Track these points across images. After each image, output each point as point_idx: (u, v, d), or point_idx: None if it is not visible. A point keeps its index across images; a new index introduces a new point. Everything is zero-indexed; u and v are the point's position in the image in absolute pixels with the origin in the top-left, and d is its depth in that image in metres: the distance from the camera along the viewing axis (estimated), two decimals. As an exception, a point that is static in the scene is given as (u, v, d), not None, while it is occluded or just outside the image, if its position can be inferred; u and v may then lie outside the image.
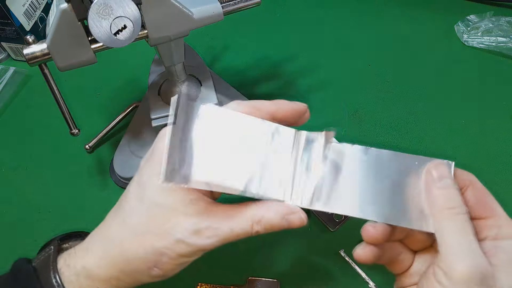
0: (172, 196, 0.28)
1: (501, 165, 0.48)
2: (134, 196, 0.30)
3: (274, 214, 0.30)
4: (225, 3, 0.39)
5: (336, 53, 0.61)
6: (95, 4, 0.31)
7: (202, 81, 0.48)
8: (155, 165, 0.29)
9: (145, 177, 0.29)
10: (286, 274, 0.41)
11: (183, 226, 0.28)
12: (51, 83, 0.38)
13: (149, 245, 0.28)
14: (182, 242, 0.28)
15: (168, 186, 0.28)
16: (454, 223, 0.28)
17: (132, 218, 0.29)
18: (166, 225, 0.28)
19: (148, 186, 0.29)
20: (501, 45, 0.57)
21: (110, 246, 0.29)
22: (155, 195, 0.28)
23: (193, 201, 0.29)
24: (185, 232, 0.28)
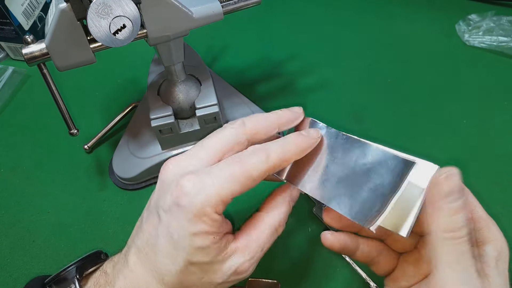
0: (207, 252, 0.28)
1: (503, 165, 0.47)
2: (166, 254, 0.29)
3: (284, 207, 0.32)
4: (225, 2, 0.39)
5: (336, 53, 0.61)
6: (94, 3, 0.31)
7: (201, 81, 0.48)
8: (186, 223, 0.28)
9: (176, 235, 0.28)
10: (286, 275, 0.41)
11: (222, 272, 0.29)
12: (50, 83, 0.38)
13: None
14: (224, 283, 0.30)
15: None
16: (453, 248, 0.26)
17: (170, 278, 0.29)
18: (206, 277, 0.29)
19: (182, 247, 0.28)
20: (503, 45, 0.57)
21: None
22: (190, 256, 0.28)
23: (224, 247, 0.29)
24: (225, 276, 0.29)
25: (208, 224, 0.28)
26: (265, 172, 0.29)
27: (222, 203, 0.28)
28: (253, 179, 0.29)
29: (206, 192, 0.28)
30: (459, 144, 0.49)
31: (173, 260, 0.28)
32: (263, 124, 0.31)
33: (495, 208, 0.44)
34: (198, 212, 0.27)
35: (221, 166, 0.29)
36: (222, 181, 0.28)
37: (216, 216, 0.28)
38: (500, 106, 0.53)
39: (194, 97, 0.46)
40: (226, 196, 0.28)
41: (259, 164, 0.29)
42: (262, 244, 0.30)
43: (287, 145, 0.31)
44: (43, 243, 0.45)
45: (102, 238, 0.45)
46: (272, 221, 0.31)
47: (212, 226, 0.28)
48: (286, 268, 0.41)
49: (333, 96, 0.55)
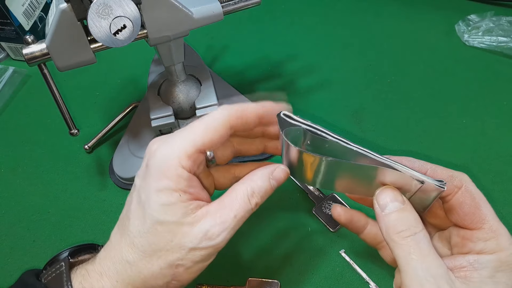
0: (173, 210, 0.28)
1: (502, 165, 0.47)
2: (136, 215, 0.29)
3: (261, 181, 0.31)
4: (225, 2, 0.39)
5: (336, 53, 0.61)
6: (95, 4, 0.31)
7: (202, 81, 0.48)
8: (152, 182, 0.29)
9: (143, 195, 0.29)
10: (286, 274, 0.41)
11: (192, 235, 0.28)
12: (50, 83, 0.38)
13: (163, 261, 0.28)
14: (196, 249, 0.28)
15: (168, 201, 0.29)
16: (404, 247, 0.28)
17: (140, 239, 0.29)
18: (175, 239, 0.28)
19: (148, 205, 0.29)
20: (502, 45, 0.57)
21: (124, 269, 0.29)
22: (156, 214, 0.28)
23: (193, 209, 0.29)
24: (195, 240, 0.28)
25: (173, 180, 0.28)
26: (225, 120, 0.30)
27: (186, 157, 0.29)
28: (213, 128, 0.30)
29: (169, 148, 0.29)
30: (458, 144, 0.50)
31: (141, 221, 0.29)
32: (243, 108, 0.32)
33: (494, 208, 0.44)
34: (162, 168, 0.28)
35: (186, 127, 0.30)
36: (183, 135, 0.29)
37: (182, 171, 0.29)
38: (499, 106, 0.53)
39: (194, 97, 0.46)
40: (189, 149, 0.29)
41: (217, 115, 0.30)
42: (234, 210, 0.29)
43: (247, 103, 0.32)
44: (44, 243, 0.45)
45: (103, 238, 0.45)
46: (245, 188, 0.30)
47: (177, 183, 0.28)
48: (286, 268, 0.41)
49: (333, 96, 0.55)
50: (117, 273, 0.29)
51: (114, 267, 0.29)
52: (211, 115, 0.31)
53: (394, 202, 0.30)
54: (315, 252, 0.42)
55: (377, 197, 0.31)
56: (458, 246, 0.31)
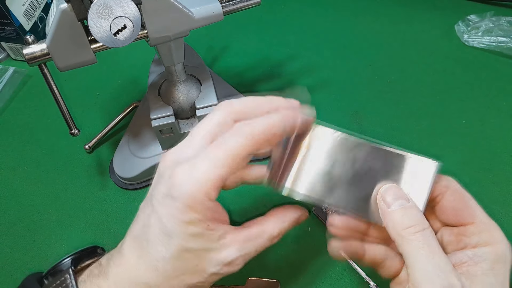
0: (202, 239, 0.29)
1: (502, 165, 0.48)
2: (159, 242, 0.29)
3: (288, 224, 0.33)
4: (225, 3, 0.39)
5: (336, 53, 0.61)
6: (95, 4, 0.31)
7: (202, 81, 0.48)
8: (178, 214, 0.28)
9: (169, 225, 0.28)
10: (286, 274, 0.41)
11: (215, 262, 0.29)
12: (50, 83, 0.38)
13: (184, 284, 0.29)
14: (216, 274, 0.30)
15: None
16: (414, 243, 0.29)
17: (164, 264, 0.29)
18: (200, 265, 0.29)
19: (175, 235, 0.28)
20: (502, 45, 0.57)
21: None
22: (184, 242, 0.28)
23: (221, 236, 0.30)
24: (218, 267, 0.30)
25: (201, 213, 0.28)
26: (250, 148, 0.29)
27: (213, 189, 0.28)
28: (239, 158, 0.28)
29: (195, 181, 0.28)
30: (458, 144, 0.50)
31: (166, 247, 0.28)
32: (251, 105, 0.31)
33: (494, 208, 0.44)
34: (190, 201, 0.28)
35: (208, 152, 0.29)
36: (209, 166, 0.28)
37: (209, 203, 0.28)
38: (499, 106, 0.53)
39: (194, 97, 0.46)
40: (216, 182, 0.28)
41: (243, 141, 0.28)
42: (257, 246, 0.31)
43: (271, 117, 0.29)
44: (44, 242, 0.45)
45: (103, 238, 0.45)
46: (272, 230, 0.32)
47: (205, 214, 0.28)
48: (286, 268, 0.42)
49: (333, 96, 0.56)
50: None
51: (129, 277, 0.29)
52: (236, 140, 0.28)
53: (400, 200, 0.30)
54: (315, 252, 0.42)
55: (382, 194, 0.31)
56: (453, 244, 0.31)
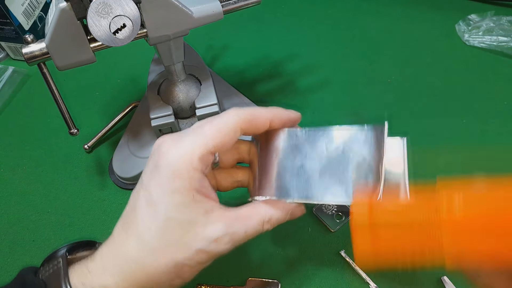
0: (188, 209, 0.29)
1: (502, 165, 0.47)
2: (146, 213, 0.29)
3: (281, 212, 0.33)
4: (225, 2, 0.39)
5: (336, 53, 0.61)
6: (94, 3, 0.31)
7: (201, 80, 0.48)
8: (165, 182, 0.29)
9: (156, 195, 0.29)
10: (286, 274, 0.41)
11: (202, 237, 0.29)
12: (50, 82, 0.38)
13: (170, 259, 0.29)
14: (203, 251, 0.29)
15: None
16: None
17: (149, 236, 0.29)
18: (185, 238, 0.29)
19: (161, 204, 0.29)
20: (502, 45, 0.57)
21: (128, 265, 0.29)
22: (170, 212, 0.29)
23: (207, 210, 0.30)
24: (204, 242, 0.29)
25: (187, 181, 0.29)
26: (236, 124, 0.31)
27: (198, 158, 0.29)
28: (225, 130, 0.30)
29: (182, 149, 0.29)
30: (458, 144, 0.49)
31: (152, 217, 0.29)
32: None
33: (495, 207, 0.44)
34: (175, 169, 0.29)
35: (194, 128, 0.31)
36: (195, 137, 0.30)
37: (194, 173, 0.29)
38: (499, 106, 0.53)
39: (194, 97, 0.46)
40: (201, 151, 0.29)
41: (231, 117, 0.31)
42: (246, 226, 0.31)
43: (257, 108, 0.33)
44: (43, 242, 0.45)
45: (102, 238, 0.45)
46: (265, 213, 0.32)
47: (190, 183, 0.29)
48: (286, 268, 0.41)
49: (333, 96, 0.55)
50: (120, 269, 0.29)
51: (117, 264, 0.29)
52: (222, 118, 0.31)
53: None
54: (315, 252, 0.42)
55: None
56: None
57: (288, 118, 0.34)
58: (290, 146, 0.33)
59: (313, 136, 0.33)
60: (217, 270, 0.42)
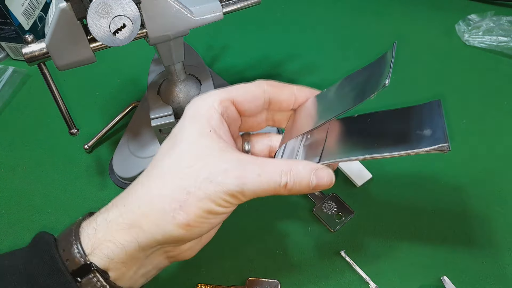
0: (203, 141, 0.29)
1: (502, 165, 0.47)
2: (165, 145, 0.30)
3: (303, 167, 0.29)
4: (225, 2, 0.39)
5: (336, 53, 0.61)
6: (94, 3, 0.31)
7: (201, 80, 0.48)
8: (186, 122, 0.30)
9: (176, 129, 0.30)
10: (286, 274, 0.41)
11: (211, 166, 0.28)
12: (50, 82, 0.38)
13: (176, 183, 0.28)
14: (210, 180, 0.27)
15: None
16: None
17: (161, 161, 0.29)
18: (195, 165, 0.28)
19: (179, 135, 0.30)
20: (502, 45, 0.57)
21: (135, 190, 0.29)
22: (186, 140, 0.29)
23: (222, 148, 0.29)
24: (213, 171, 0.28)
25: (205, 118, 0.30)
26: (260, 84, 0.33)
27: (219, 101, 0.31)
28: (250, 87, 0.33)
29: (206, 96, 0.32)
30: (458, 144, 0.49)
31: (169, 146, 0.30)
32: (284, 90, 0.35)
33: (494, 208, 0.44)
34: (197, 108, 0.31)
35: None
36: (219, 89, 0.33)
37: (214, 112, 0.30)
38: (499, 106, 0.53)
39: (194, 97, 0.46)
40: (222, 95, 0.31)
41: (257, 81, 0.33)
42: (261, 171, 0.28)
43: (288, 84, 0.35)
44: (43, 242, 0.45)
45: (102, 238, 0.45)
46: (285, 164, 0.29)
47: (209, 121, 0.30)
48: (286, 268, 0.41)
49: (333, 96, 0.55)
50: (127, 197, 0.29)
51: (125, 194, 0.29)
52: (250, 82, 0.33)
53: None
54: (315, 252, 0.42)
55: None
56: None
57: (313, 93, 0.36)
58: (315, 105, 0.34)
59: (332, 88, 0.35)
60: (217, 270, 0.42)
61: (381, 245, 0.42)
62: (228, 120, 0.32)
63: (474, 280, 0.40)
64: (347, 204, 0.45)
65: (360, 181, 0.46)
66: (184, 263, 0.42)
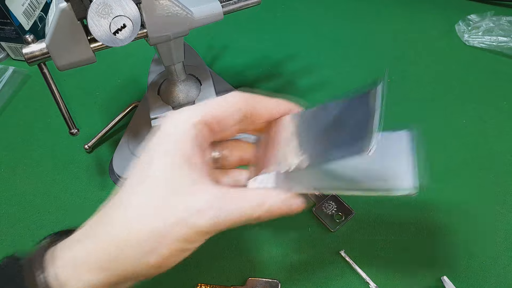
0: (174, 175, 0.27)
1: (502, 165, 0.47)
2: (134, 176, 0.28)
3: (276, 198, 0.29)
4: (225, 2, 0.39)
5: (336, 53, 0.61)
6: (95, 3, 0.31)
7: (202, 80, 0.48)
8: (156, 146, 0.29)
9: (147, 157, 0.28)
10: (286, 274, 0.41)
11: (184, 205, 0.26)
12: (50, 82, 0.38)
13: (147, 226, 0.26)
14: (183, 222, 0.26)
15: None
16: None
17: (131, 199, 0.27)
18: (167, 205, 0.26)
19: (150, 166, 0.28)
20: (502, 45, 0.57)
21: (104, 231, 0.27)
22: (157, 174, 0.27)
23: (195, 181, 0.28)
24: (186, 212, 0.26)
25: (178, 146, 0.28)
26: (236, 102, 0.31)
27: (193, 126, 0.29)
28: (225, 105, 0.30)
29: (177, 117, 0.30)
30: (458, 144, 0.49)
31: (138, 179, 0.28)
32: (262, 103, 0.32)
33: (494, 208, 0.44)
34: (169, 134, 0.29)
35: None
36: (192, 108, 0.30)
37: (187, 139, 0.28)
38: (499, 106, 0.53)
39: (194, 97, 0.46)
40: (197, 119, 0.29)
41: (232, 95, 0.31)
42: (235, 206, 0.28)
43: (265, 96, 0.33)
44: (44, 242, 0.45)
45: (102, 238, 0.45)
46: (257, 195, 0.29)
47: (181, 149, 0.28)
48: (286, 268, 0.41)
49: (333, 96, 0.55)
50: (95, 236, 0.27)
51: (93, 232, 0.28)
52: (224, 95, 0.31)
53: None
54: (315, 252, 0.42)
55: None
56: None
57: (289, 109, 0.33)
58: (290, 130, 0.33)
59: (313, 112, 0.33)
60: (217, 270, 0.42)
61: (381, 245, 0.42)
62: (201, 141, 0.30)
63: (474, 280, 0.40)
64: (347, 204, 0.45)
65: (360, 181, 0.46)
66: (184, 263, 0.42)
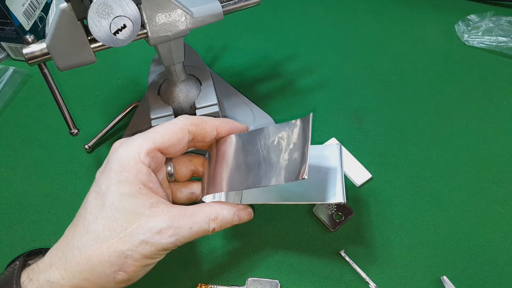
0: (133, 200, 0.30)
1: (502, 165, 0.48)
2: (94, 205, 0.31)
3: (227, 212, 0.34)
4: (225, 2, 0.39)
5: (336, 53, 0.61)
6: (95, 3, 0.31)
7: (202, 80, 0.48)
8: (113, 174, 0.31)
9: (104, 186, 0.31)
10: (286, 274, 0.41)
11: (145, 228, 0.30)
12: (50, 82, 0.38)
13: (113, 249, 0.29)
14: (146, 243, 0.30)
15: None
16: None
17: (95, 225, 0.30)
18: (129, 228, 0.30)
19: (108, 194, 0.30)
20: (502, 45, 0.57)
21: (73, 256, 0.30)
22: (116, 202, 0.30)
23: (153, 204, 0.31)
24: (148, 233, 0.30)
25: (133, 173, 0.31)
26: (184, 126, 0.34)
27: (145, 153, 0.32)
28: (172, 131, 0.33)
29: (130, 145, 0.32)
30: (458, 144, 0.50)
31: (99, 209, 0.30)
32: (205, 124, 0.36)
33: (494, 208, 0.44)
34: (123, 162, 0.31)
35: (148, 129, 0.34)
36: (143, 135, 0.33)
37: (141, 166, 0.31)
38: (499, 106, 0.53)
39: (194, 97, 0.46)
40: (148, 146, 0.32)
41: (179, 120, 0.34)
42: (191, 223, 0.31)
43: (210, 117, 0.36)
44: (44, 242, 0.45)
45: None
46: (210, 211, 0.33)
47: (137, 176, 0.31)
48: (286, 268, 0.42)
49: (333, 96, 0.55)
50: (66, 261, 0.30)
51: (64, 256, 0.30)
52: (172, 121, 0.34)
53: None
54: (315, 252, 0.42)
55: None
56: None
57: (234, 127, 0.36)
58: (235, 148, 0.36)
59: (253, 135, 0.36)
60: (217, 270, 0.42)
61: (381, 245, 0.42)
62: (155, 165, 0.33)
63: (474, 280, 0.40)
64: (347, 204, 0.45)
65: (360, 180, 0.46)
66: (184, 263, 0.42)
